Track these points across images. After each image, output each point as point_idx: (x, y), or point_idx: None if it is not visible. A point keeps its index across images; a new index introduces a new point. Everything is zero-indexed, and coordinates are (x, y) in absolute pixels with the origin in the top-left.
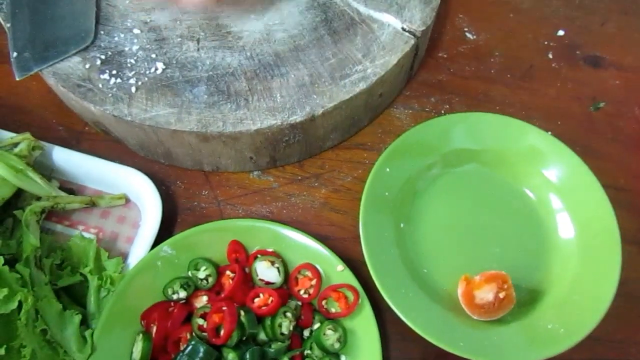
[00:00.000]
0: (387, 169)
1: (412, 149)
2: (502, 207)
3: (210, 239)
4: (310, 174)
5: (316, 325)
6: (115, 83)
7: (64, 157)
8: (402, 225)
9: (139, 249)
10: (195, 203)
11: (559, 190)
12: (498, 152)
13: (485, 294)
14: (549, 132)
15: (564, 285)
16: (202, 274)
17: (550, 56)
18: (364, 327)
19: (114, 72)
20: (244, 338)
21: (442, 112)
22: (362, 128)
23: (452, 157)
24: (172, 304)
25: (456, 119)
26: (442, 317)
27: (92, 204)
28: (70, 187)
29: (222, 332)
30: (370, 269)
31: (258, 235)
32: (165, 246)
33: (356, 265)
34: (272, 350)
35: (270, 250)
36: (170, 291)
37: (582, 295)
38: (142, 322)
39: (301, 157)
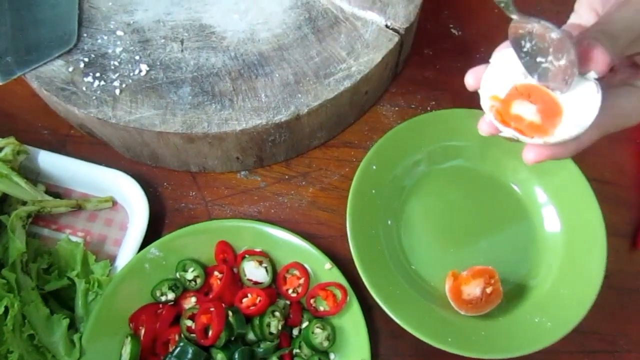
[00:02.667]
0: (374, 167)
1: (399, 146)
2: (488, 202)
3: (198, 240)
4: (297, 173)
5: (305, 324)
6: (99, 86)
7: (50, 161)
8: (389, 222)
9: (126, 252)
10: (183, 204)
11: (545, 184)
12: (484, 147)
13: (473, 289)
14: None
15: (551, 279)
16: (190, 275)
17: None
18: (353, 324)
19: (98, 74)
20: (233, 338)
21: (429, 108)
22: (348, 126)
23: (438, 154)
24: (160, 305)
25: (442, 116)
26: (430, 313)
27: (79, 208)
28: (56, 191)
29: (210, 333)
30: (358, 266)
31: (245, 235)
32: (152, 248)
33: (344, 263)
34: (261, 350)
35: (258, 250)
36: (158, 293)
37: (568, 289)
38: (131, 325)
39: (288, 156)
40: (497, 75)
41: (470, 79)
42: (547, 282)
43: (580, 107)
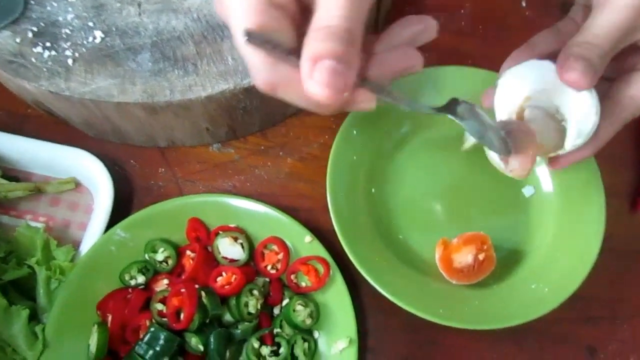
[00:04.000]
0: (354, 132)
1: (381, 109)
2: (477, 165)
3: (167, 219)
4: (274, 144)
5: (285, 302)
6: (50, 56)
7: (5, 142)
8: (373, 190)
9: (92, 236)
10: (152, 182)
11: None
12: None
13: (464, 256)
14: None
15: (547, 243)
16: (160, 256)
17: (524, 4)
18: (337, 300)
19: (48, 44)
20: (208, 321)
21: None
22: None
23: (423, 116)
24: (130, 290)
25: (426, 75)
26: (420, 285)
27: (38, 191)
28: (15, 175)
29: (182, 316)
30: (340, 238)
31: (218, 211)
32: (118, 229)
33: (327, 236)
34: (239, 332)
35: (232, 226)
36: (127, 277)
37: (565, 253)
38: (98, 313)
39: (263, 126)
40: (502, 99)
41: (485, 102)
42: (543, 247)
43: (580, 117)
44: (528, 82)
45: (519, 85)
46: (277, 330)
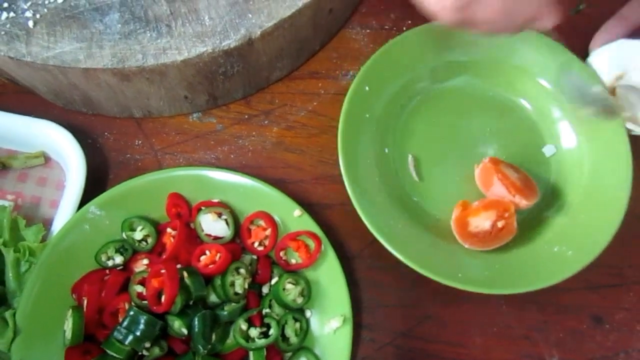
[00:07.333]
0: (367, 88)
1: (395, 63)
2: (497, 122)
3: (145, 194)
4: (258, 111)
5: (274, 280)
6: (8, 18)
7: None
8: (386, 150)
9: (64, 214)
10: (129, 155)
11: (559, 98)
12: (490, 62)
13: (482, 221)
14: None
15: (569, 204)
16: (138, 235)
17: None
18: (329, 276)
19: (5, 5)
20: (191, 302)
21: (404, 28)
22: (314, 54)
23: (440, 71)
24: (107, 271)
25: (444, 28)
26: (437, 249)
27: (4, 166)
28: None
29: (163, 298)
30: (353, 201)
31: (200, 185)
32: (91, 206)
33: (317, 209)
34: (225, 313)
35: (215, 200)
36: (104, 257)
37: (589, 215)
38: (73, 296)
39: (246, 93)
40: None
41: None
42: (565, 209)
43: None
44: (618, 62)
45: (609, 66)
46: (266, 310)
